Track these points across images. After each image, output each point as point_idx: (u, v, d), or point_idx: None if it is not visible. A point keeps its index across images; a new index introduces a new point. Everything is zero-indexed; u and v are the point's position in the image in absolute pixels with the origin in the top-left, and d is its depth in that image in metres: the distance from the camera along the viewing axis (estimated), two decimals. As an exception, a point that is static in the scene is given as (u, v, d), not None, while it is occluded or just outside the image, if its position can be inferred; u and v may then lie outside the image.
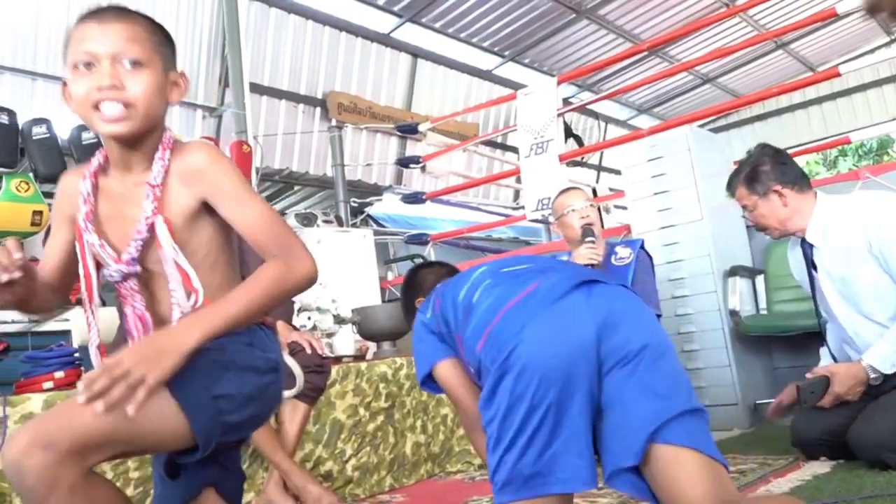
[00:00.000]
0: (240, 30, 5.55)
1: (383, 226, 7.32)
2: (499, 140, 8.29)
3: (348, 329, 3.09)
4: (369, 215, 7.13)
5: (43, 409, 1.86)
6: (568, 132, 5.34)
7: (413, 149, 7.46)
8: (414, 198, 5.49)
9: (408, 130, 5.75)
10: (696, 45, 8.49)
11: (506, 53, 8.10)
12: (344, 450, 2.62)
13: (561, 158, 4.30)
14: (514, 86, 7.25)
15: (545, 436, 1.23)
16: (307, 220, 4.38)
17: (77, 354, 2.24)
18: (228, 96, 5.84)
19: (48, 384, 2.10)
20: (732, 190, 2.42)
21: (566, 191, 2.87)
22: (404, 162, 5.83)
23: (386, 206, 7.61)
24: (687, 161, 3.51)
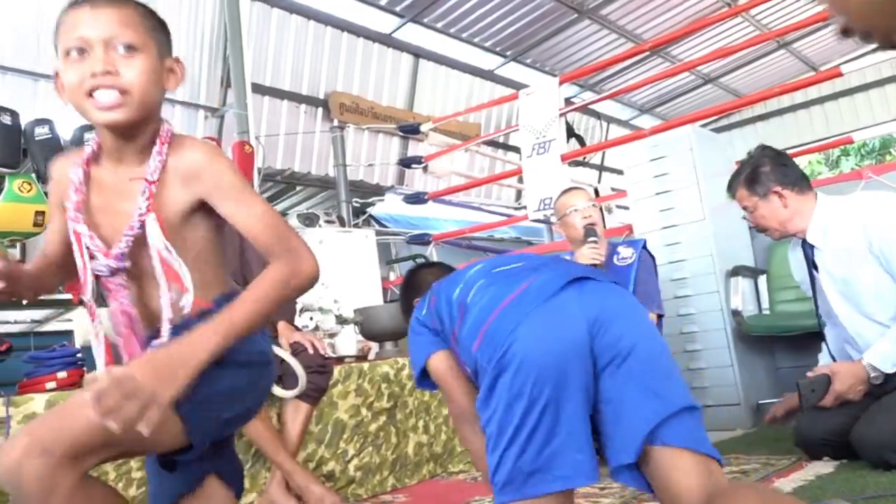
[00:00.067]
0: (242, 30, 5.56)
1: (385, 226, 7.32)
2: (501, 140, 8.30)
3: (350, 329, 3.10)
4: (371, 215, 7.13)
5: (46, 410, 1.87)
6: (570, 132, 5.34)
7: (415, 149, 7.47)
8: (416, 198, 5.50)
9: (410, 130, 5.75)
10: (698, 45, 8.49)
11: (508, 53, 8.10)
12: (346, 450, 2.62)
13: (563, 158, 4.30)
14: (516, 86, 7.25)
15: (545, 432, 1.24)
16: (309, 221, 4.38)
17: (80, 355, 2.24)
18: (230, 97, 5.84)
19: (51, 384, 2.11)
20: (733, 191, 2.42)
21: (569, 191, 2.87)
22: (406, 162, 5.84)
23: (388, 207, 7.61)
24: (689, 161, 3.50)
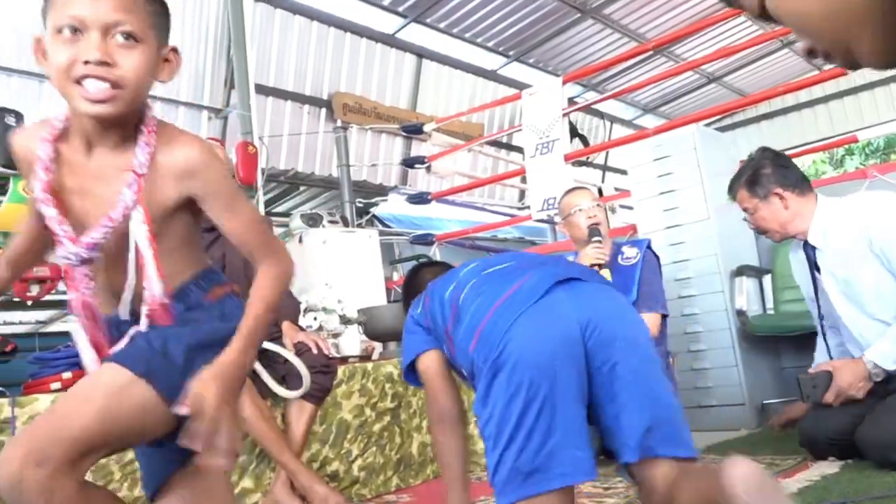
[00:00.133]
0: (245, 31, 5.56)
1: (388, 226, 7.33)
2: (504, 140, 8.28)
3: (354, 329, 3.09)
4: (374, 216, 7.13)
5: (51, 410, 1.87)
6: (573, 132, 5.33)
7: (418, 149, 7.45)
8: (419, 198, 5.50)
9: (413, 131, 5.75)
10: (702, 44, 8.46)
11: (511, 53, 8.09)
12: (350, 450, 2.62)
13: (566, 158, 4.30)
14: (519, 86, 7.24)
15: (543, 430, 1.24)
16: (313, 221, 4.38)
17: (84, 355, 2.24)
18: (234, 97, 5.84)
19: (56, 385, 2.12)
20: (734, 193, 2.43)
21: (573, 190, 2.87)
22: (409, 162, 5.84)
23: (391, 207, 7.61)
24: (693, 160, 3.49)
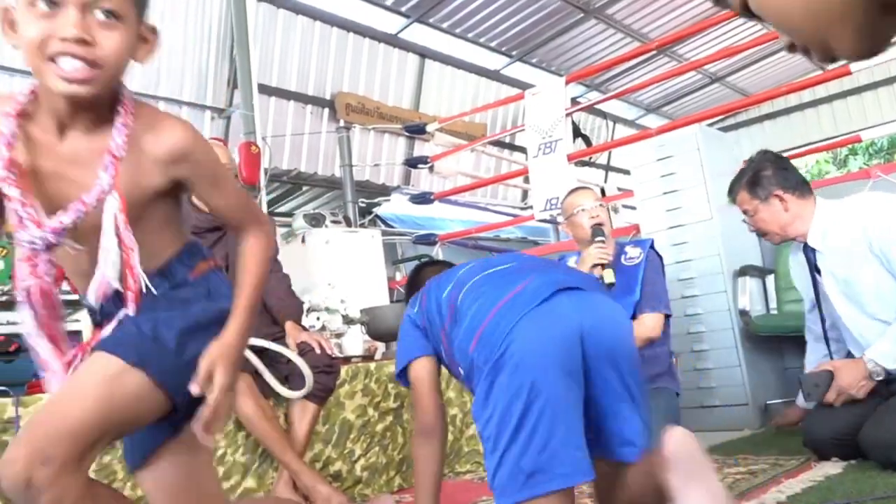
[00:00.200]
0: (248, 31, 5.56)
1: (391, 226, 7.33)
2: (507, 140, 8.28)
3: (357, 329, 3.10)
4: (377, 216, 7.13)
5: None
6: (576, 132, 5.32)
7: (421, 149, 7.46)
8: (422, 198, 5.50)
9: (416, 131, 5.75)
10: (705, 44, 8.45)
11: (513, 53, 8.09)
12: (353, 450, 2.62)
13: (569, 158, 4.30)
14: (522, 86, 7.24)
15: (545, 430, 1.24)
16: (315, 221, 4.38)
17: (88, 355, 2.24)
18: (237, 97, 5.85)
19: (59, 384, 2.12)
20: (734, 195, 2.44)
21: (576, 190, 2.87)
22: (412, 162, 5.84)
23: (394, 207, 7.61)
24: (696, 160, 3.49)
